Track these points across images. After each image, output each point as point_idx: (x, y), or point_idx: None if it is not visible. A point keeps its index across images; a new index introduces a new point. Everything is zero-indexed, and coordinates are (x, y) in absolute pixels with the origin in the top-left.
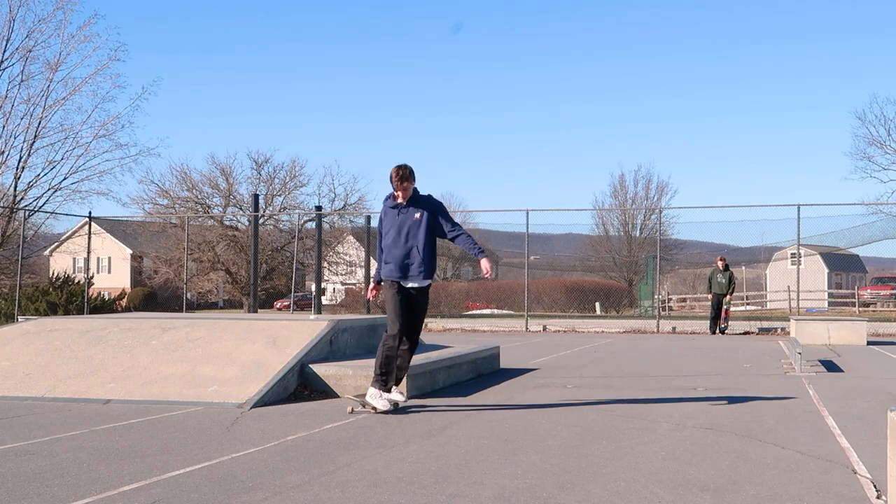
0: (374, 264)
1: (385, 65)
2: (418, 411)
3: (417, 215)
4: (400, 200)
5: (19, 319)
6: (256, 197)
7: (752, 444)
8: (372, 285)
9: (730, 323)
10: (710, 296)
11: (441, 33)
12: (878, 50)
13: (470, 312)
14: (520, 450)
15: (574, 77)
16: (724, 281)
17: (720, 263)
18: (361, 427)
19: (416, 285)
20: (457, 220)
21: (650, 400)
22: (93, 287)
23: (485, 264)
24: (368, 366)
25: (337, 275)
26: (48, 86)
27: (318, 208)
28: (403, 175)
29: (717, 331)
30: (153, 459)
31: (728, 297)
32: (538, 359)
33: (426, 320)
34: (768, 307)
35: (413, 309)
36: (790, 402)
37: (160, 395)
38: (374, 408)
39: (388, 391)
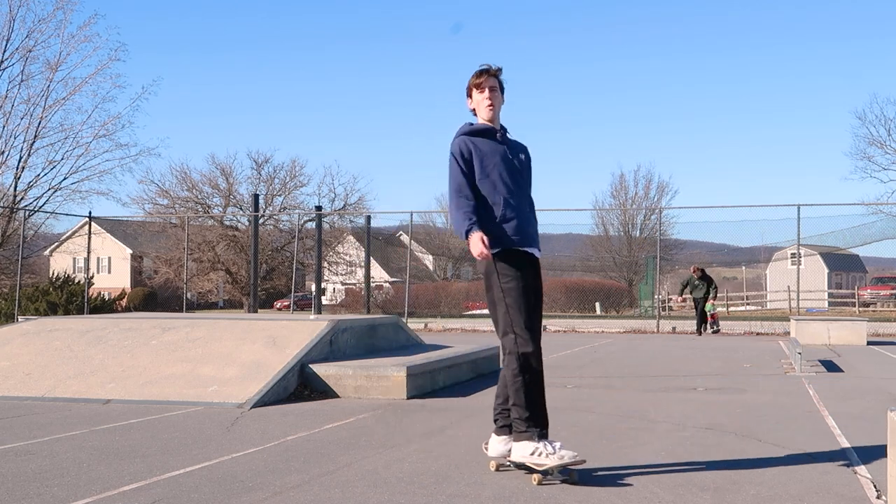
0: (376, 265)
1: (385, 65)
2: (418, 411)
3: (523, 156)
4: (494, 124)
5: (19, 319)
6: (256, 197)
7: (752, 444)
8: (479, 235)
9: (720, 323)
10: (680, 298)
11: (441, 33)
12: (878, 50)
13: (470, 312)
14: None
15: (574, 77)
16: (702, 286)
17: (696, 273)
18: (361, 427)
19: (538, 256)
20: None
21: (650, 400)
22: (93, 287)
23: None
24: (368, 366)
25: (337, 275)
26: (48, 86)
27: (318, 208)
28: (493, 83)
29: (704, 331)
30: (153, 459)
31: (710, 301)
32: None
33: (426, 320)
34: (768, 307)
35: (539, 296)
36: (790, 402)
37: (160, 395)
38: (537, 470)
39: (547, 435)
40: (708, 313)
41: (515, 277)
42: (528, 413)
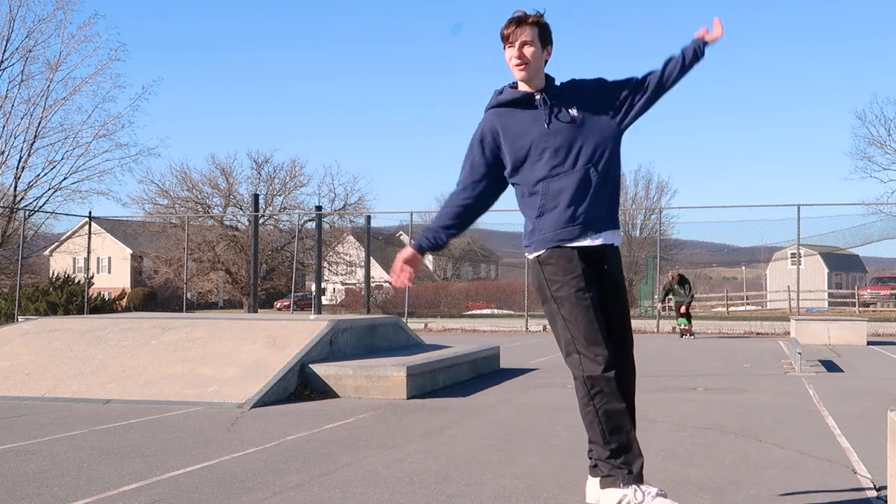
0: (376, 265)
1: (385, 65)
2: (418, 411)
3: (575, 112)
4: (530, 86)
5: (19, 319)
6: (256, 197)
7: (752, 444)
8: (404, 255)
9: (693, 331)
10: (660, 305)
11: (441, 33)
12: (878, 50)
13: (470, 312)
14: (520, 450)
15: (573, 77)
16: (682, 291)
17: (674, 279)
18: (361, 427)
19: (607, 241)
20: None
21: (650, 400)
22: (93, 287)
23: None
24: (368, 366)
25: (337, 275)
26: (48, 86)
27: (318, 208)
28: (527, 36)
29: (683, 335)
30: (153, 459)
31: (683, 307)
32: (538, 359)
33: (426, 320)
34: (768, 307)
35: (610, 297)
36: (790, 402)
37: (160, 395)
38: None
39: (639, 476)
40: (682, 326)
41: (567, 283)
42: (609, 451)
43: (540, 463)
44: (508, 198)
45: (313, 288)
